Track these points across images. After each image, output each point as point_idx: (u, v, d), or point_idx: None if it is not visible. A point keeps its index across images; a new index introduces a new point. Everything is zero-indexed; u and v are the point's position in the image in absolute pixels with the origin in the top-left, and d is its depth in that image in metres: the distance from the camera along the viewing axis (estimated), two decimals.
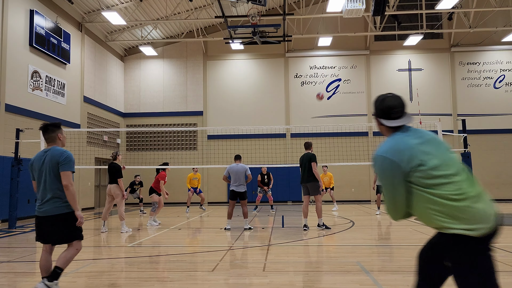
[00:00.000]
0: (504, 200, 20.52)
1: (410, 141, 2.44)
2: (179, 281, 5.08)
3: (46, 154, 4.30)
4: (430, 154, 2.36)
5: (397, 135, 2.56)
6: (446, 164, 2.34)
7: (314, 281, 5.01)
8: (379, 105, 2.66)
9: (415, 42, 20.84)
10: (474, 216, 2.29)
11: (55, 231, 4.28)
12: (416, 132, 2.53)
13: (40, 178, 4.29)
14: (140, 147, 22.22)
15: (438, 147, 2.43)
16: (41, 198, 4.30)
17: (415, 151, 2.38)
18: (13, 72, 13.68)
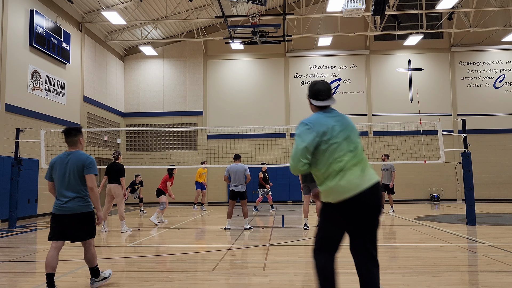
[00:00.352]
0: (504, 200, 20.53)
1: (328, 120, 3.28)
2: (179, 281, 5.08)
3: (70, 157, 4.66)
4: (334, 132, 3.21)
5: (321, 113, 3.36)
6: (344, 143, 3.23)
7: (314, 281, 5.01)
8: (311, 88, 3.43)
9: (415, 42, 20.84)
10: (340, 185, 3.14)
11: (76, 228, 4.59)
12: (337, 115, 3.35)
13: (63, 178, 4.60)
14: (140, 147, 22.22)
15: (347, 132, 3.29)
16: (62, 197, 4.57)
17: (329, 129, 3.21)
18: (13, 72, 13.68)
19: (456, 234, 8.69)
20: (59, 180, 4.61)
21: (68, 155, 4.69)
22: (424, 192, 21.26)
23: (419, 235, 8.71)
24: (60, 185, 4.60)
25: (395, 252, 6.88)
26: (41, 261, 6.49)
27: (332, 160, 3.16)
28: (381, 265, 5.83)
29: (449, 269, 5.47)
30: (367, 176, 3.17)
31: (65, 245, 7.68)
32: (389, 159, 16.96)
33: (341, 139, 3.23)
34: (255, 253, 6.94)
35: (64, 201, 4.55)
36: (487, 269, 5.49)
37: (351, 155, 3.19)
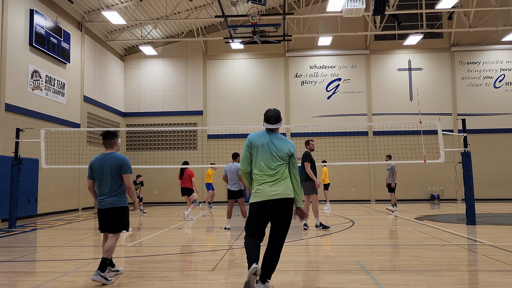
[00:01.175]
0: (504, 200, 20.53)
1: (266, 138, 4.58)
2: (179, 280, 5.08)
3: (107, 158, 5.23)
4: (259, 150, 4.52)
5: (265, 132, 4.69)
6: (267, 157, 4.51)
7: (314, 281, 5.01)
8: (265, 114, 4.76)
9: (415, 41, 20.84)
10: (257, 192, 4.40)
11: (112, 220, 5.20)
12: (275, 136, 4.66)
13: (101, 177, 5.20)
14: (140, 147, 22.22)
15: (272, 148, 4.53)
16: (102, 193, 5.20)
17: (260, 142, 4.56)
18: (13, 72, 13.68)
19: (456, 234, 8.70)
20: (99, 179, 5.21)
21: (105, 156, 5.25)
22: (424, 191, 21.27)
23: (419, 235, 8.71)
24: (100, 183, 5.20)
25: (395, 252, 6.89)
26: (41, 261, 6.50)
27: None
28: (381, 265, 5.84)
29: (449, 269, 5.47)
30: (280, 188, 4.42)
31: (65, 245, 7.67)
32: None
33: (263, 154, 4.54)
34: None
35: (103, 197, 5.17)
36: (487, 269, 5.49)
37: (269, 169, 4.49)
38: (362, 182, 21.42)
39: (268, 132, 4.66)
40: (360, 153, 19.54)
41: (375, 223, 11.73)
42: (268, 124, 4.66)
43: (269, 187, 4.34)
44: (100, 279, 4.85)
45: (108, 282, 4.90)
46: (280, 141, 4.57)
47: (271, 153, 4.47)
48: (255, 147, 4.51)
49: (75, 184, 17.41)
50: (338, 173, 20.46)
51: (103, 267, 4.93)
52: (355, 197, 21.27)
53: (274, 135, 4.64)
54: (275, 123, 4.66)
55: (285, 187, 4.36)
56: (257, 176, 4.42)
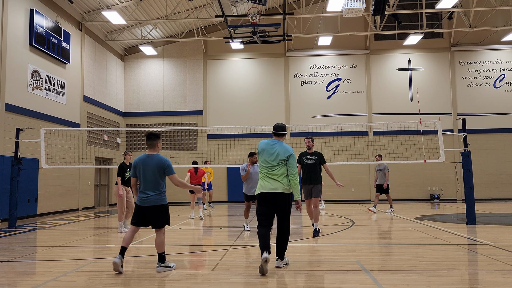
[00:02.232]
0: (504, 200, 20.53)
1: (265, 145, 5.80)
2: (179, 280, 5.08)
3: (150, 160, 5.60)
4: (263, 154, 5.73)
5: (268, 140, 5.86)
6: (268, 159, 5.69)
7: (314, 281, 5.01)
8: (276, 125, 5.92)
9: (415, 41, 20.83)
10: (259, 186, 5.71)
11: (155, 217, 5.57)
12: (279, 143, 5.79)
13: (145, 176, 5.56)
14: (140, 147, 22.21)
15: (271, 153, 5.69)
16: (145, 191, 5.55)
17: (262, 149, 5.76)
18: (13, 72, 13.67)
19: (456, 234, 8.70)
20: (142, 178, 5.57)
21: (148, 157, 5.62)
22: (424, 191, 21.26)
23: (419, 235, 8.71)
24: (144, 182, 5.56)
25: (396, 252, 6.89)
26: (41, 261, 6.50)
27: None
28: (381, 264, 5.84)
29: (449, 269, 5.47)
30: (274, 185, 5.65)
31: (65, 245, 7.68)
32: (388, 159, 16.96)
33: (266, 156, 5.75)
34: (255, 252, 6.94)
35: (147, 195, 5.52)
36: (487, 269, 5.49)
37: (268, 169, 5.72)
38: (362, 182, 21.42)
39: (274, 139, 5.91)
40: (360, 153, 19.53)
41: (375, 223, 11.73)
42: (275, 133, 5.95)
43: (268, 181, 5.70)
44: (163, 269, 5.49)
45: (171, 268, 5.57)
46: (276, 148, 5.77)
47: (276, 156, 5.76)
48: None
49: (75, 184, 17.41)
50: (338, 173, 20.41)
51: (162, 259, 5.53)
52: (355, 197, 21.26)
53: (276, 142, 5.85)
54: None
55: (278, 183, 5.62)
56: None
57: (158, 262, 5.56)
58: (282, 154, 5.63)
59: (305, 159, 8.95)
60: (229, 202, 21.33)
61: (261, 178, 5.68)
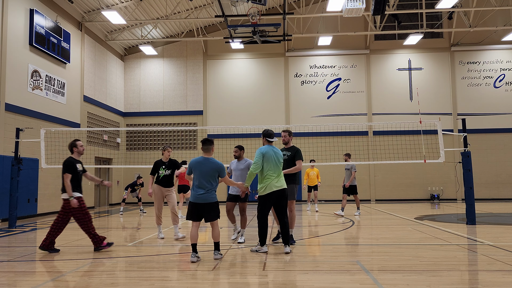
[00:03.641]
0: (504, 200, 20.53)
1: (271, 153, 6.79)
2: (179, 280, 5.08)
3: (206, 161, 6.29)
4: (270, 161, 6.74)
5: (269, 146, 6.93)
6: (274, 164, 6.77)
7: (314, 281, 5.01)
8: (267, 132, 7.05)
9: (415, 41, 20.83)
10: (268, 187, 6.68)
11: (208, 212, 6.23)
12: (274, 148, 6.96)
13: (200, 176, 6.21)
14: (140, 147, 22.21)
15: (276, 158, 6.81)
16: (200, 188, 6.20)
17: (269, 157, 6.74)
18: (13, 72, 13.67)
19: (456, 234, 8.69)
20: (198, 178, 6.21)
21: (205, 160, 6.30)
22: (424, 191, 21.26)
23: (419, 235, 8.71)
24: (198, 181, 6.20)
25: (395, 252, 6.88)
26: (41, 261, 6.50)
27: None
28: (381, 265, 5.84)
29: (449, 269, 5.47)
30: (280, 182, 6.77)
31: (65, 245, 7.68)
32: (388, 159, 16.96)
33: (272, 163, 6.75)
34: (255, 252, 6.94)
35: (200, 193, 6.17)
36: (487, 269, 5.49)
37: (275, 171, 6.76)
38: (362, 182, 21.39)
39: (270, 146, 7.01)
40: (360, 153, 19.53)
41: (375, 223, 11.73)
42: (270, 139, 7.01)
43: (278, 179, 6.80)
44: (220, 256, 6.27)
45: (222, 256, 6.35)
46: (278, 151, 7.11)
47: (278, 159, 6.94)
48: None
49: None
50: (338, 173, 20.42)
51: (217, 247, 6.31)
52: None
53: (273, 147, 7.02)
54: (273, 138, 7.04)
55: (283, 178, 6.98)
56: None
57: (215, 250, 6.29)
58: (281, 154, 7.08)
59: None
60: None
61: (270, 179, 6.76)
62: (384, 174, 21.37)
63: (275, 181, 6.67)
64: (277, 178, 6.72)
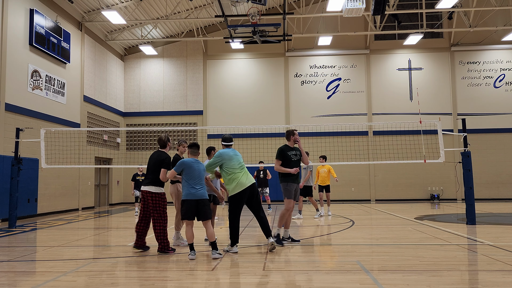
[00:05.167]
0: (504, 200, 20.53)
1: (230, 153, 7.04)
2: (179, 280, 5.08)
3: (197, 163, 6.64)
4: (232, 159, 6.98)
5: (227, 149, 7.17)
6: (236, 161, 7.02)
7: (314, 281, 5.01)
8: (223, 137, 7.29)
9: (415, 41, 20.83)
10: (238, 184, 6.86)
11: (205, 209, 6.45)
12: (234, 151, 7.15)
13: (195, 174, 6.50)
14: (140, 147, 22.22)
15: (237, 156, 7.08)
16: (197, 185, 6.48)
17: (229, 156, 6.99)
18: (13, 72, 13.67)
19: (456, 234, 8.70)
20: (192, 176, 6.47)
21: (196, 161, 6.66)
22: (424, 191, 21.26)
23: (419, 235, 8.71)
24: (194, 179, 6.46)
25: (395, 252, 6.88)
26: (41, 261, 6.50)
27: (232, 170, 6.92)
28: (381, 264, 5.84)
29: (449, 269, 5.47)
30: (249, 179, 6.93)
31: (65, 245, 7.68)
32: (388, 159, 16.95)
33: (234, 161, 6.97)
34: (255, 252, 6.94)
35: (198, 188, 6.45)
36: (487, 269, 5.49)
37: (240, 169, 6.96)
38: (362, 182, 21.41)
39: (228, 148, 7.23)
40: (360, 153, 19.53)
41: (375, 223, 11.73)
42: (226, 143, 7.30)
43: (246, 176, 6.98)
44: (218, 255, 6.29)
45: (221, 255, 6.38)
46: (236, 153, 7.21)
47: (238, 159, 7.11)
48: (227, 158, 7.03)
49: (75, 184, 17.41)
50: (338, 173, 20.35)
51: (215, 247, 6.35)
52: (355, 197, 21.26)
53: (231, 150, 7.20)
54: (230, 142, 7.32)
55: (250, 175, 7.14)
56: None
57: (213, 249, 6.33)
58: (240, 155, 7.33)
59: (292, 155, 7.61)
60: None
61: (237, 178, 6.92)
62: (384, 174, 21.37)
63: (244, 178, 6.83)
64: (245, 175, 6.91)
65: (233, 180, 6.81)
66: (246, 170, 7.01)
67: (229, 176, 6.85)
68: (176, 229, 7.82)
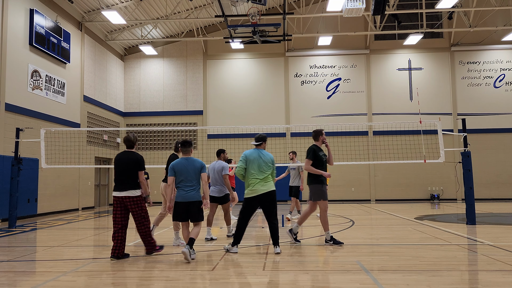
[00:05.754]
0: (504, 200, 20.53)
1: (254, 154, 6.85)
2: (179, 280, 5.08)
3: (189, 161, 6.46)
4: (254, 162, 6.78)
5: (253, 150, 6.92)
6: (258, 166, 6.79)
7: (314, 280, 5.01)
8: (257, 136, 7.04)
9: (415, 41, 20.83)
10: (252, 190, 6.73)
11: (197, 211, 6.35)
12: (262, 152, 6.92)
13: (187, 175, 6.35)
14: (140, 147, 22.20)
15: (261, 159, 6.82)
16: (188, 187, 6.33)
17: (254, 158, 6.81)
18: (13, 72, 13.67)
19: (456, 234, 8.70)
20: (184, 178, 6.32)
21: (187, 160, 6.46)
22: (424, 191, 21.26)
23: (419, 235, 8.71)
24: (185, 181, 6.33)
25: (395, 252, 6.88)
26: (41, 261, 6.50)
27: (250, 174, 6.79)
28: (381, 264, 5.84)
29: (449, 269, 5.47)
30: (266, 186, 6.75)
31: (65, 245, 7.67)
32: (388, 159, 16.94)
33: (255, 164, 6.77)
34: (255, 252, 6.94)
35: (189, 190, 6.30)
36: (487, 269, 5.49)
37: (260, 173, 6.77)
38: (362, 182, 21.41)
39: (257, 149, 6.98)
40: (360, 153, 19.53)
41: (375, 223, 11.72)
42: (255, 143, 7.01)
43: (263, 183, 6.75)
44: (187, 252, 5.98)
45: (194, 255, 6.25)
46: (265, 155, 6.93)
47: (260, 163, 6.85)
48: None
49: (75, 184, 17.40)
50: (338, 173, 20.43)
51: (191, 243, 6.13)
52: (355, 197, 21.26)
53: (260, 151, 6.96)
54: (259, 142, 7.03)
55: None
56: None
57: (187, 244, 6.10)
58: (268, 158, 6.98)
59: (322, 155, 7.61)
60: None
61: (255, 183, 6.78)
62: (384, 174, 21.37)
63: (260, 185, 6.66)
64: (263, 181, 6.68)
65: (249, 184, 6.73)
66: (267, 176, 6.74)
67: (248, 179, 6.77)
68: (175, 230, 7.79)
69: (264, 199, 6.68)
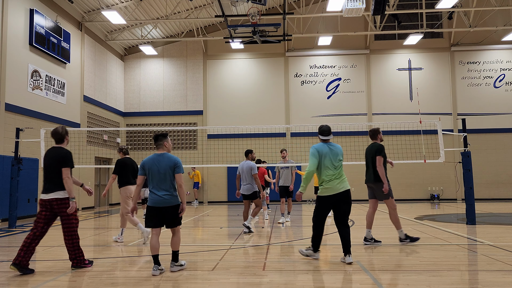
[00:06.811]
0: (504, 200, 20.53)
1: (326, 148, 6.11)
2: (179, 280, 5.08)
3: (161, 158, 5.54)
4: (326, 157, 6.06)
5: (324, 143, 6.20)
6: (331, 163, 6.08)
7: (314, 281, 5.01)
8: (319, 128, 6.28)
9: (415, 41, 20.83)
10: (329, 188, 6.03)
11: (174, 217, 5.52)
12: (331, 145, 6.18)
13: (158, 175, 5.45)
14: (140, 147, 22.21)
15: (335, 154, 6.11)
16: (161, 190, 5.44)
17: (326, 152, 6.08)
18: (13, 72, 13.67)
19: (456, 234, 8.70)
20: (156, 178, 5.45)
21: (159, 156, 5.55)
22: (424, 191, 21.26)
23: (419, 235, 8.70)
24: (158, 182, 5.45)
25: (395, 252, 6.88)
26: (41, 261, 6.49)
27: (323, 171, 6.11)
28: (381, 264, 5.84)
29: (449, 269, 5.47)
30: (343, 183, 6.16)
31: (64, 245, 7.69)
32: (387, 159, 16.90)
33: (328, 159, 6.09)
34: (255, 252, 6.94)
35: (162, 194, 5.42)
36: (487, 269, 5.49)
37: (334, 169, 6.11)
38: (362, 182, 21.26)
39: (325, 143, 6.22)
40: (360, 153, 19.47)
41: (375, 223, 11.68)
42: (322, 137, 6.21)
43: (339, 181, 6.13)
44: (177, 268, 5.49)
45: (183, 266, 5.63)
46: (337, 149, 6.25)
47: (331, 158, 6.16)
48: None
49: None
50: None
51: (175, 258, 5.54)
52: (355, 197, 21.02)
53: (330, 144, 6.23)
54: (327, 135, 6.21)
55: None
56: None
57: (172, 261, 5.53)
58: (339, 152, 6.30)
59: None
60: (229, 202, 21.32)
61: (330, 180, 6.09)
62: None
63: (336, 182, 5.98)
64: (338, 179, 6.02)
65: (322, 181, 6.03)
66: (341, 171, 6.12)
67: (322, 176, 6.04)
68: (122, 226, 8.28)
69: (342, 198, 6.04)
